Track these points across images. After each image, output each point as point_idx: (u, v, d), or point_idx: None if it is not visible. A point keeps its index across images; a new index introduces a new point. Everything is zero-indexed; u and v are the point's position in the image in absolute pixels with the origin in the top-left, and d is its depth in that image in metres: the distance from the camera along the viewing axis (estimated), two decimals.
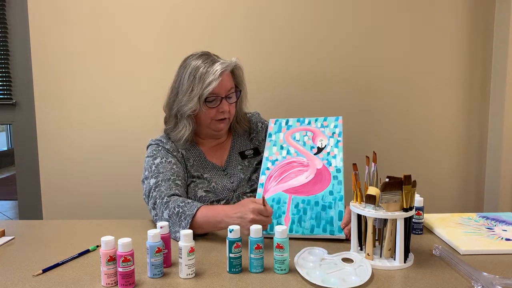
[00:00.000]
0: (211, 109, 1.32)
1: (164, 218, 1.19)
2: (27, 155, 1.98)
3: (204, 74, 1.28)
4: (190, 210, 1.15)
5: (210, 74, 1.27)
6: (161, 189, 1.24)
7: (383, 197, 0.95)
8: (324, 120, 1.38)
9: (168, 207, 1.19)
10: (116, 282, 0.89)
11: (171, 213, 1.18)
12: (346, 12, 1.84)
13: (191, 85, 1.29)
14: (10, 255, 1.07)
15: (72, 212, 1.92)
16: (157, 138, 1.39)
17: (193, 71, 1.30)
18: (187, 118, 1.33)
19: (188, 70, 1.31)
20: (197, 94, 1.28)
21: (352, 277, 0.90)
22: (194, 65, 1.30)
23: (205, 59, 1.31)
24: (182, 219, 1.15)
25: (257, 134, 1.48)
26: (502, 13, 1.80)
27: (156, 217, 1.23)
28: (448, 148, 1.93)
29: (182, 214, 1.16)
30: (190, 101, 1.29)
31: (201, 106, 1.30)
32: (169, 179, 1.27)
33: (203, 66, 1.29)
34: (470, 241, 1.09)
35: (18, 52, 1.94)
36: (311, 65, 1.87)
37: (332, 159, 1.27)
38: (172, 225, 1.17)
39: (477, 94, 1.90)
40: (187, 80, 1.30)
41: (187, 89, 1.30)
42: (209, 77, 1.27)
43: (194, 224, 1.14)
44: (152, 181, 1.27)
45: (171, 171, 1.29)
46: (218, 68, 1.28)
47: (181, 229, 1.12)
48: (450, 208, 1.92)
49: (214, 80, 1.27)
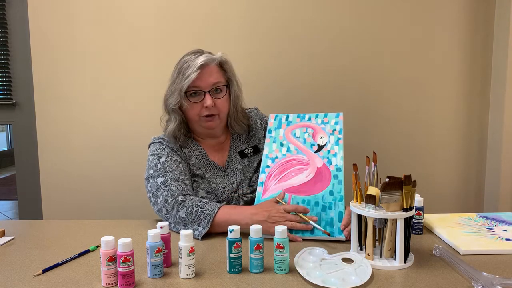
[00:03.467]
0: (195, 104, 1.32)
1: (180, 217, 1.19)
2: (27, 155, 1.98)
3: (186, 68, 1.29)
4: (210, 209, 1.17)
5: (190, 67, 1.28)
6: (171, 188, 1.23)
7: (383, 197, 0.95)
8: (325, 116, 1.37)
9: (185, 206, 1.19)
10: (116, 282, 0.89)
11: (188, 212, 1.18)
12: (347, 10, 1.84)
13: (175, 79, 1.32)
14: (10, 255, 1.07)
15: (72, 212, 1.92)
16: (160, 136, 1.39)
17: (179, 65, 1.32)
18: (173, 112, 1.34)
19: (177, 65, 1.34)
20: (178, 87, 1.29)
21: (352, 277, 0.90)
22: (183, 60, 1.33)
23: (193, 54, 1.33)
24: (201, 218, 1.16)
25: (256, 131, 1.47)
26: (502, 13, 1.80)
27: (167, 215, 1.22)
28: (448, 148, 1.93)
29: (202, 213, 1.17)
30: (173, 94, 1.31)
31: (183, 100, 1.31)
32: (178, 178, 1.26)
33: (188, 60, 1.31)
34: (470, 241, 1.09)
35: (18, 52, 1.94)
36: (311, 65, 1.87)
37: (333, 157, 1.26)
38: (190, 223, 1.18)
39: (477, 94, 1.90)
40: (173, 75, 1.33)
41: (171, 83, 1.33)
42: (189, 69, 1.28)
43: (214, 223, 1.16)
44: (159, 180, 1.26)
45: (178, 170, 1.29)
46: (199, 61, 1.28)
47: (201, 228, 1.16)
48: (450, 208, 1.92)
49: (193, 73, 1.27)
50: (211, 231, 1.17)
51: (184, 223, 1.19)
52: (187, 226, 1.19)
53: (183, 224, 1.19)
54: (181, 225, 1.20)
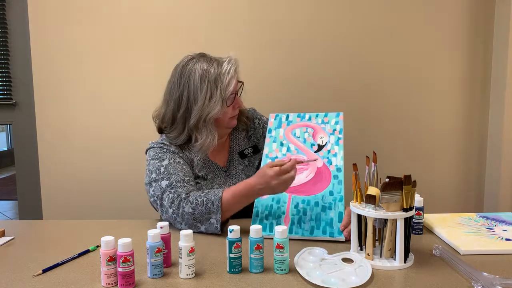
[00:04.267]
0: (229, 108, 1.33)
1: (188, 213, 1.16)
2: (27, 155, 1.98)
3: (219, 76, 1.27)
4: (215, 195, 1.16)
5: (225, 74, 1.27)
6: (177, 190, 1.20)
7: (383, 197, 0.95)
8: (325, 116, 1.37)
9: (189, 201, 1.17)
10: (116, 282, 0.89)
11: (194, 205, 1.16)
12: (348, 11, 1.85)
13: (208, 90, 1.27)
14: (10, 255, 1.07)
15: (72, 212, 1.92)
16: (159, 141, 1.35)
17: (205, 76, 1.27)
18: (211, 124, 1.31)
19: (195, 76, 1.28)
20: (219, 97, 1.27)
21: (352, 277, 0.90)
22: (201, 69, 1.28)
23: (208, 61, 1.30)
24: (209, 206, 1.15)
25: (255, 131, 1.48)
26: (502, 13, 1.80)
27: (174, 214, 1.19)
28: (448, 148, 1.93)
29: (208, 201, 1.15)
30: (215, 106, 1.27)
31: (222, 108, 1.30)
32: (183, 180, 1.24)
33: (213, 68, 1.28)
34: (470, 241, 1.09)
35: (18, 52, 1.94)
36: (312, 65, 1.87)
37: (333, 157, 1.26)
38: (199, 215, 1.16)
39: (477, 94, 1.90)
40: (201, 87, 1.27)
41: (205, 95, 1.27)
42: (226, 77, 1.27)
43: (223, 208, 1.15)
44: (164, 183, 1.23)
45: (183, 172, 1.27)
46: (229, 67, 1.29)
47: (214, 215, 1.15)
48: (450, 208, 1.92)
49: (232, 79, 1.28)
50: (226, 216, 1.17)
51: (193, 217, 1.16)
52: (198, 220, 1.16)
53: (194, 218, 1.16)
54: (192, 221, 1.17)
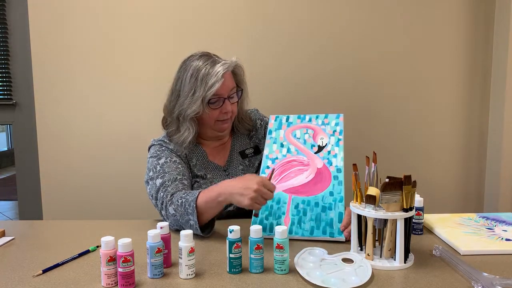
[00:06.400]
0: (214, 110, 1.31)
1: (170, 214, 1.18)
2: (27, 155, 1.98)
3: (206, 76, 1.27)
4: (192, 196, 1.15)
5: (212, 75, 1.26)
6: (167, 189, 1.22)
7: (383, 197, 0.95)
8: (325, 117, 1.37)
9: (172, 203, 1.18)
10: (116, 283, 0.89)
11: (175, 206, 1.17)
12: (347, 11, 1.85)
13: (193, 87, 1.28)
14: (10, 255, 1.07)
15: (72, 212, 1.92)
16: (160, 139, 1.38)
17: (195, 73, 1.28)
18: (190, 120, 1.31)
19: (189, 72, 1.29)
20: (200, 96, 1.27)
21: (352, 277, 0.90)
22: (195, 66, 1.29)
23: (206, 60, 1.30)
24: (187, 207, 1.14)
25: (257, 132, 1.48)
26: (502, 13, 1.80)
27: (164, 216, 1.21)
28: (448, 148, 1.93)
29: (186, 202, 1.15)
30: (193, 103, 1.28)
31: (204, 108, 1.29)
32: (176, 179, 1.25)
33: (205, 68, 1.28)
34: (470, 241, 1.09)
35: (18, 52, 1.94)
36: (312, 66, 1.87)
37: (333, 158, 1.27)
38: (180, 217, 1.15)
39: (477, 94, 1.90)
40: (189, 82, 1.29)
41: (189, 91, 1.28)
42: (212, 78, 1.26)
43: (200, 209, 1.13)
44: (158, 182, 1.25)
45: (177, 171, 1.28)
46: (220, 69, 1.27)
47: (190, 217, 1.13)
48: (450, 208, 1.92)
49: (217, 82, 1.26)
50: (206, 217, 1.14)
51: (175, 218, 1.17)
52: (179, 221, 1.16)
53: (176, 220, 1.17)
54: (175, 222, 1.17)
